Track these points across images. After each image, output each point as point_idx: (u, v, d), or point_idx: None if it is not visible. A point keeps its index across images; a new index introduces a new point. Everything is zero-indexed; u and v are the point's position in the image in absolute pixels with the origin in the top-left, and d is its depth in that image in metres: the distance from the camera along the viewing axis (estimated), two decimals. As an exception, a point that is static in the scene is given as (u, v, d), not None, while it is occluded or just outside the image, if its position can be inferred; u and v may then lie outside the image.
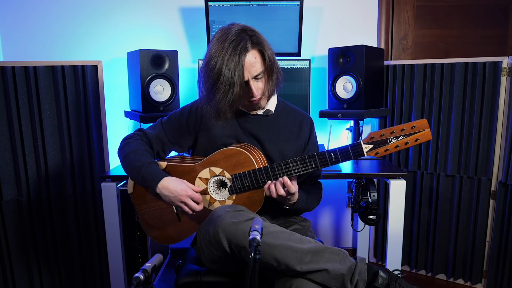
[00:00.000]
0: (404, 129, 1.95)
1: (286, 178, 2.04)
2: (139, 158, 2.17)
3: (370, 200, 2.88)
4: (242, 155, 2.13)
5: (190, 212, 2.14)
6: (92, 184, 3.33)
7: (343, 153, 2.04)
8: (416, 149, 3.58)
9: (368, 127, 3.85)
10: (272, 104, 2.35)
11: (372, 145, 1.99)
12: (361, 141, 2.01)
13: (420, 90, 3.49)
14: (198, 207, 2.13)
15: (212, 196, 2.20)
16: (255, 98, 2.14)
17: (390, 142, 1.97)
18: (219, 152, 2.18)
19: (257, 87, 2.11)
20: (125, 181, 2.95)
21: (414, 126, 1.94)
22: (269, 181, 2.08)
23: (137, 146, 2.24)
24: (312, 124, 2.47)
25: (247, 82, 2.07)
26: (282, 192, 2.04)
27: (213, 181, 2.20)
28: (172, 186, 2.11)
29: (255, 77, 2.09)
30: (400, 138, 1.96)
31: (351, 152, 2.02)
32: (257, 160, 2.14)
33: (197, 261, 2.35)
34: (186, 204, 2.11)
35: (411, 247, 3.76)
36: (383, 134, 1.97)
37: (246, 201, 2.16)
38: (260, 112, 2.32)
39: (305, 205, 2.27)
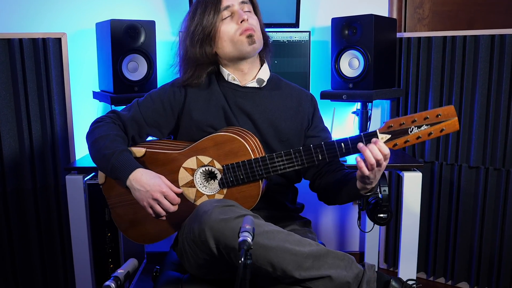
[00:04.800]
0: (427, 117, 1.89)
1: (374, 140, 1.94)
2: (109, 145, 2.15)
3: (380, 195, 2.87)
4: (235, 143, 2.12)
5: (163, 213, 2.11)
6: (55, 177, 3.34)
7: (355, 144, 2.01)
8: (433, 136, 3.58)
9: (378, 111, 3.86)
10: (265, 73, 2.39)
11: (390, 135, 1.93)
12: (377, 130, 1.96)
13: (438, 67, 3.49)
14: (172, 208, 2.11)
15: (199, 189, 2.18)
16: (246, 24, 2.24)
17: (411, 132, 1.91)
18: (208, 138, 2.16)
19: (246, 14, 2.27)
20: (93, 173, 2.96)
21: (440, 114, 1.87)
22: (361, 143, 1.95)
23: (108, 131, 2.22)
24: (314, 101, 2.50)
25: (230, 9, 2.27)
26: (380, 156, 1.92)
27: (201, 172, 2.19)
28: (145, 178, 2.08)
29: (241, 3, 2.29)
30: (422, 128, 1.91)
31: (365, 142, 1.99)
32: (253, 148, 2.13)
33: (177, 267, 2.34)
34: (159, 202, 2.08)
35: (428, 251, 3.77)
36: (403, 123, 1.92)
37: (239, 196, 2.14)
38: (252, 83, 2.36)
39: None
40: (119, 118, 2.32)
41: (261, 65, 2.42)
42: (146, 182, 2.07)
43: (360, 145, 1.92)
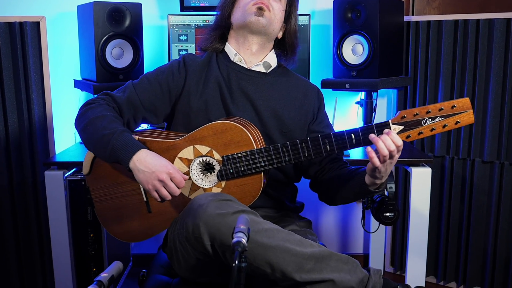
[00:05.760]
0: (442, 109, 1.96)
1: (387, 130, 1.97)
2: (108, 126, 2.14)
3: (386, 193, 2.87)
4: (236, 132, 2.12)
5: (169, 196, 2.10)
6: (33, 173, 3.35)
7: (366, 134, 2.03)
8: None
9: (384, 101, 3.86)
10: (272, 58, 2.45)
11: (403, 126, 2.00)
12: (390, 121, 2.01)
13: (449, 53, 3.48)
14: (178, 191, 2.10)
15: (195, 181, 2.18)
16: None
17: (424, 123, 1.98)
18: (207, 126, 2.17)
19: None
20: (75, 168, 2.96)
21: (455, 106, 1.95)
22: (372, 134, 1.99)
23: (104, 112, 2.21)
24: (321, 95, 2.56)
25: None
26: (393, 147, 1.95)
27: (198, 163, 2.19)
28: (150, 159, 2.07)
29: None
30: (437, 120, 1.97)
31: (377, 133, 2.01)
32: (256, 138, 2.14)
33: (166, 270, 2.33)
34: (164, 184, 2.07)
35: (438, 253, 3.77)
36: (417, 114, 1.98)
37: (238, 190, 2.15)
38: (258, 66, 2.42)
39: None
40: (113, 101, 2.31)
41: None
42: (151, 163, 2.07)
43: (372, 135, 1.97)
